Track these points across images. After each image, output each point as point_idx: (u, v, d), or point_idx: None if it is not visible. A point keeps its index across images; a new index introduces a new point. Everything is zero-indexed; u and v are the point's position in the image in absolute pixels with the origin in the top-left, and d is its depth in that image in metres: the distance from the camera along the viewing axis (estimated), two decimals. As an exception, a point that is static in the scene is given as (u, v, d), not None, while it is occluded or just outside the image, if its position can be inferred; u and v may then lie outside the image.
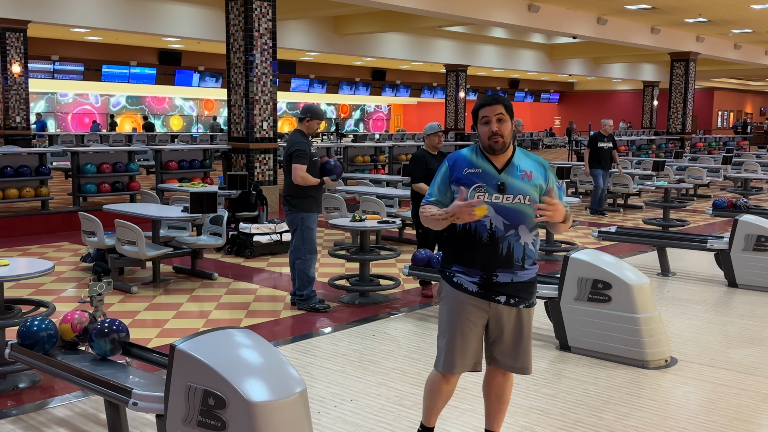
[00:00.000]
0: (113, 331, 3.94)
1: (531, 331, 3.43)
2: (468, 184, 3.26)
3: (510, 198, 3.23)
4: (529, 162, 3.32)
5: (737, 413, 4.29)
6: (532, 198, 3.25)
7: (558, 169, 12.17)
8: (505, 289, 3.30)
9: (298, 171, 6.16)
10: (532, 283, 3.37)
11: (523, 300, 3.34)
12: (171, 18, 18.09)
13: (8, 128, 17.48)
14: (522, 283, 3.32)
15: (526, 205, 3.24)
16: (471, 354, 3.40)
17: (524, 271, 3.31)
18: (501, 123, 3.25)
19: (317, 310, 6.44)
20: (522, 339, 3.39)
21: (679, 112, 25.20)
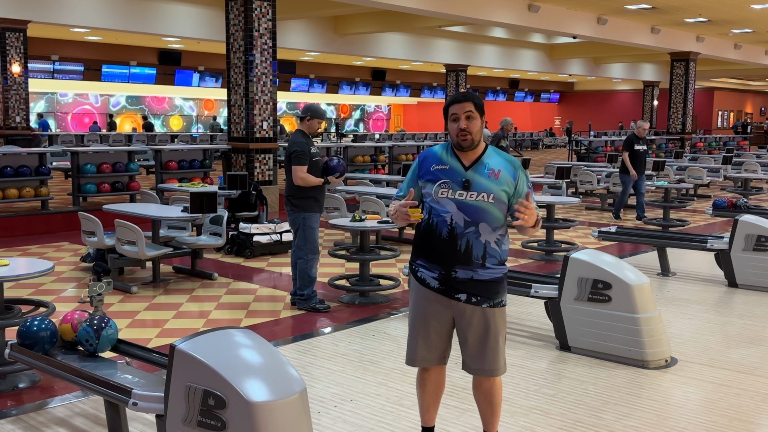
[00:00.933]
0: (101, 327, 3.97)
1: (500, 332, 3.38)
2: (434, 181, 3.30)
3: (474, 195, 3.25)
4: (499, 161, 3.32)
5: (737, 413, 4.29)
6: (497, 197, 3.26)
7: (558, 169, 12.17)
8: (465, 286, 3.30)
9: (298, 172, 6.17)
10: (496, 282, 3.33)
11: (485, 299, 3.32)
12: (171, 18, 18.09)
13: (8, 128, 17.48)
14: (483, 281, 3.30)
15: (489, 204, 3.25)
16: (435, 348, 3.44)
17: (486, 269, 3.30)
18: (470, 120, 3.27)
19: (317, 310, 6.45)
20: (489, 340, 3.36)
21: (679, 112, 25.20)
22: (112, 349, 4.11)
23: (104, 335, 3.96)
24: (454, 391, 4.56)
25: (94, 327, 3.97)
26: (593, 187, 14.30)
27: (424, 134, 28.64)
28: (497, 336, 3.37)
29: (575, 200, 10.09)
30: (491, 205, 3.26)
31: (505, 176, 3.28)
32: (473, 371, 3.44)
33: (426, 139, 24.93)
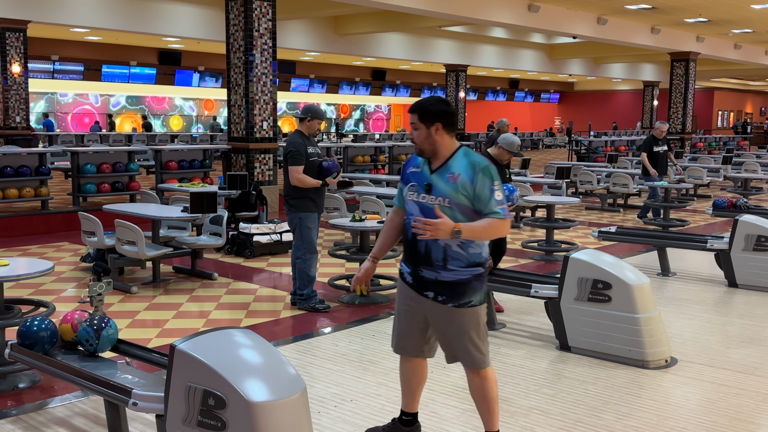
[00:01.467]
0: (101, 326, 3.97)
1: (470, 330, 3.42)
2: (407, 182, 3.50)
3: (433, 199, 3.35)
4: (462, 164, 3.36)
5: (737, 413, 4.29)
6: (454, 201, 3.32)
7: (558, 169, 12.16)
8: (432, 285, 3.42)
9: (294, 173, 6.18)
10: (461, 284, 3.38)
11: (451, 299, 3.39)
12: (171, 18, 18.10)
13: (8, 128, 17.48)
14: (447, 282, 3.38)
15: (446, 208, 3.31)
16: (412, 339, 3.59)
17: (448, 272, 3.37)
18: (414, 131, 3.42)
19: (317, 310, 6.44)
20: (458, 337, 3.43)
21: (679, 112, 25.20)
22: (112, 349, 4.11)
23: (104, 335, 3.96)
24: (454, 391, 4.56)
25: (94, 327, 3.97)
26: (593, 187, 14.30)
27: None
28: (467, 334, 3.43)
29: (575, 200, 10.09)
30: (448, 209, 3.31)
31: (464, 180, 3.32)
32: (449, 359, 3.55)
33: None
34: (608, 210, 13.81)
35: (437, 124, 3.38)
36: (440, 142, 3.40)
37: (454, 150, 3.42)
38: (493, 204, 3.29)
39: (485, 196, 3.30)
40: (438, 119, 3.38)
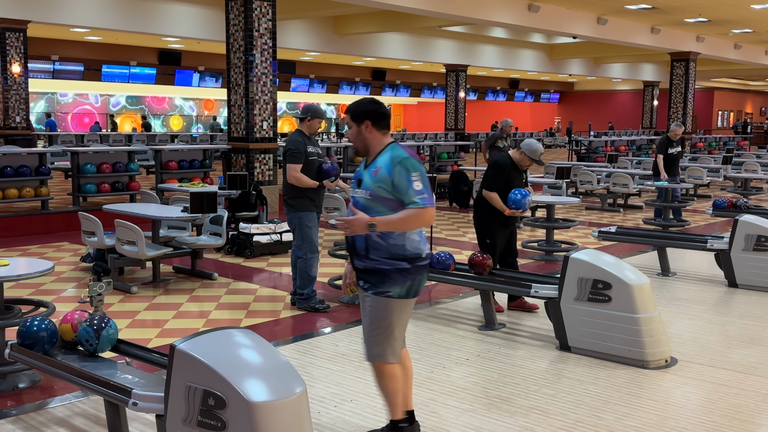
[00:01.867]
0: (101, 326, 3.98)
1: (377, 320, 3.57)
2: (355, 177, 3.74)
3: (361, 192, 3.59)
4: (385, 159, 3.56)
5: (737, 413, 4.29)
6: (375, 194, 3.53)
7: (558, 169, 12.16)
8: (361, 274, 3.63)
9: (291, 171, 6.19)
10: (381, 273, 3.53)
11: (372, 286, 3.57)
12: (171, 18, 18.09)
13: (8, 128, 17.48)
14: (368, 269, 3.57)
15: (368, 200, 3.55)
16: None
17: (370, 261, 3.56)
18: (349, 129, 3.66)
19: (317, 310, 6.44)
20: (368, 324, 3.61)
21: (679, 112, 25.20)
22: (112, 349, 4.11)
23: (104, 335, 3.96)
24: (454, 391, 4.56)
25: (94, 327, 3.97)
26: (593, 187, 14.30)
27: (424, 134, 28.65)
28: (373, 323, 3.59)
29: (575, 200, 10.09)
30: (371, 201, 3.54)
31: (383, 173, 3.51)
32: None
33: (426, 139, 24.93)
34: (608, 210, 13.81)
35: (366, 121, 3.59)
36: (371, 139, 3.61)
37: (384, 146, 3.61)
38: (412, 194, 3.44)
39: (404, 187, 3.46)
40: (367, 117, 3.59)
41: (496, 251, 6.32)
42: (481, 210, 6.40)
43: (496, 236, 6.30)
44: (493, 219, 6.30)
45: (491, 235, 6.30)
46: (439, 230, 11.07)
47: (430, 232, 9.03)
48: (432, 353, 5.30)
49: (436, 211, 11.72)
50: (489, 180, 6.31)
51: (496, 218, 6.30)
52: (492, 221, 6.30)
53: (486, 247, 6.33)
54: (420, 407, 4.29)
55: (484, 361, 5.16)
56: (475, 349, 5.42)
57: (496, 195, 6.23)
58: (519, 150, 6.35)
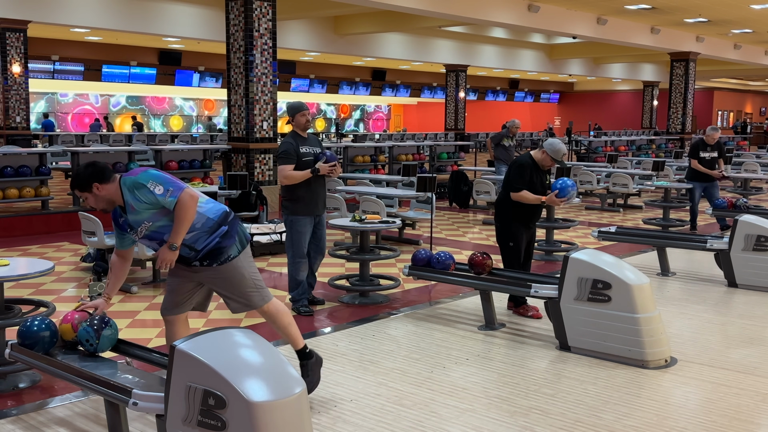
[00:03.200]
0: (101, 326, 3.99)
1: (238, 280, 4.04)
2: (125, 229, 4.02)
3: (141, 231, 3.95)
4: (127, 195, 3.82)
5: (737, 413, 4.29)
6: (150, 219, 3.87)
7: (558, 169, 12.15)
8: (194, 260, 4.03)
9: (281, 171, 6.09)
10: (214, 249, 3.96)
11: (213, 260, 3.99)
12: (171, 18, 18.09)
13: (8, 128, 17.48)
14: (204, 255, 3.98)
15: (153, 227, 3.90)
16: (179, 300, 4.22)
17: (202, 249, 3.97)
18: (85, 201, 3.91)
19: (300, 313, 6.36)
20: (234, 288, 4.06)
21: (679, 112, 25.20)
22: (112, 349, 4.12)
23: (104, 335, 3.96)
24: (454, 391, 4.56)
25: (94, 327, 3.97)
26: (593, 187, 14.30)
27: (424, 134, 28.65)
28: (239, 283, 4.04)
29: (575, 200, 10.09)
30: (155, 226, 3.89)
31: (135, 204, 3.80)
32: (238, 311, 4.16)
33: (426, 139, 24.92)
34: (608, 210, 13.82)
35: (94, 184, 3.83)
36: (109, 192, 3.85)
37: (118, 190, 3.84)
38: (162, 201, 3.78)
39: (154, 200, 3.78)
40: (92, 180, 3.82)
41: (520, 254, 6.25)
42: (502, 213, 6.28)
43: (519, 239, 6.23)
44: (516, 222, 6.20)
45: (514, 238, 6.21)
46: (439, 230, 11.07)
47: (430, 233, 9.04)
48: (432, 353, 5.30)
49: (437, 211, 11.74)
50: (513, 181, 6.16)
51: (519, 220, 6.21)
52: (514, 224, 6.21)
53: (509, 249, 6.25)
54: (420, 407, 4.30)
55: (484, 361, 5.16)
56: (475, 349, 5.42)
57: (525, 191, 6.09)
58: (541, 149, 6.21)
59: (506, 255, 6.31)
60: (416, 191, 10.26)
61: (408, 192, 10.82)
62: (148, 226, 3.87)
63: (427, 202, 10.11)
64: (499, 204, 6.38)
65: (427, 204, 10.14)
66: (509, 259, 6.29)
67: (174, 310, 4.22)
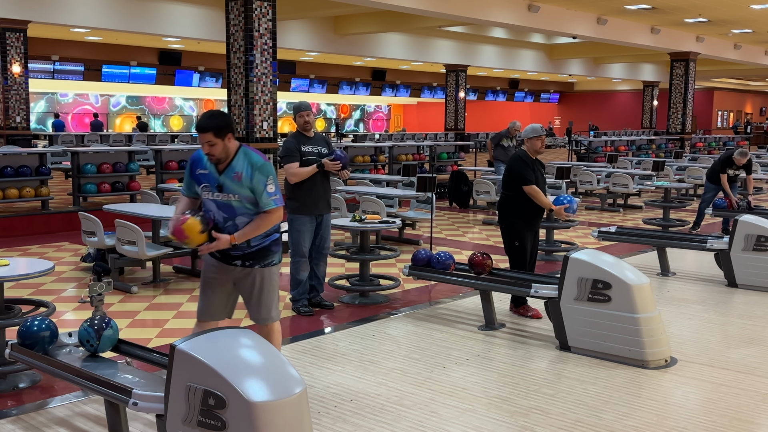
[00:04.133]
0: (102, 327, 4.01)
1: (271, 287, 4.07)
2: (199, 183, 3.96)
3: (225, 196, 3.89)
4: (244, 164, 3.87)
5: (737, 413, 4.29)
6: (241, 195, 3.87)
7: (558, 169, 12.18)
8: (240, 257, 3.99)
9: (287, 169, 6.10)
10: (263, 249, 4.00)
11: (256, 262, 4.00)
12: (171, 18, 18.09)
13: (8, 128, 17.48)
14: (253, 251, 3.98)
15: (236, 201, 3.88)
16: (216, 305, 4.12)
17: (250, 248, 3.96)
18: (211, 146, 3.82)
19: (300, 313, 6.38)
20: (264, 294, 4.04)
21: (678, 112, 25.20)
22: (112, 349, 4.12)
23: (105, 335, 3.97)
24: (454, 391, 4.56)
25: (95, 327, 3.97)
26: (593, 187, 14.31)
27: (424, 134, 28.65)
28: (272, 289, 4.07)
29: (575, 200, 10.07)
30: (237, 202, 3.88)
31: (245, 177, 3.85)
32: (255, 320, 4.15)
33: (426, 139, 24.92)
34: (608, 210, 13.82)
35: (229, 134, 3.85)
36: (230, 148, 3.87)
37: (235, 151, 3.90)
38: (266, 197, 3.86)
39: (259, 191, 3.84)
40: (229, 130, 3.85)
41: (526, 253, 6.22)
42: (507, 213, 6.25)
43: (525, 238, 6.21)
44: (520, 221, 6.18)
45: (519, 238, 6.19)
46: (439, 230, 11.07)
47: (430, 233, 9.04)
48: (432, 353, 5.30)
49: (437, 211, 11.73)
50: (523, 174, 6.12)
51: (524, 219, 6.19)
52: (520, 223, 6.18)
53: (515, 249, 6.23)
54: (420, 407, 4.30)
55: (484, 361, 5.16)
56: (475, 349, 5.42)
57: (539, 190, 6.10)
58: (524, 141, 6.27)
59: (512, 256, 6.28)
60: (416, 191, 10.26)
61: (408, 192, 10.82)
62: (235, 199, 3.87)
63: (427, 202, 10.11)
64: (501, 205, 6.35)
65: (427, 204, 10.14)
66: (516, 260, 6.26)
67: (210, 317, 4.17)
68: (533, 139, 6.20)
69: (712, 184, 10.71)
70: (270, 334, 4.15)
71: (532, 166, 6.18)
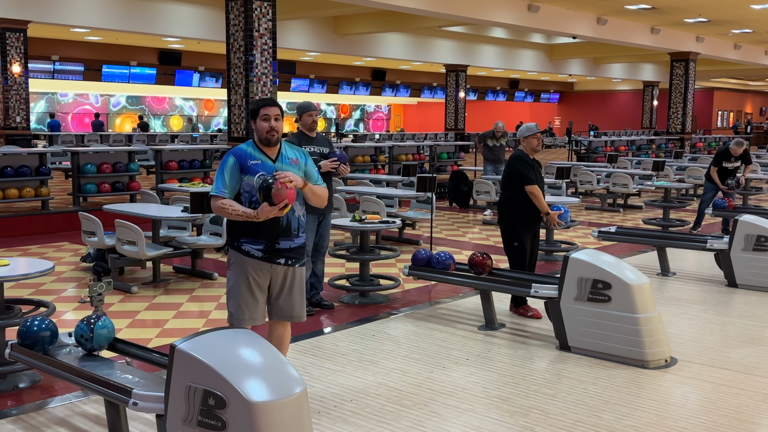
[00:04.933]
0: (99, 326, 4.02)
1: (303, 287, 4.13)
2: (254, 173, 3.92)
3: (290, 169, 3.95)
4: (294, 151, 4.09)
5: (737, 413, 4.29)
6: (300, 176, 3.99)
7: (558, 169, 12.18)
8: (285, 253, 3.99)
9: None
10: (302, 246, 4.09)
11: (297, 260, 4.05)
12: (171, 18, 18.09)
13: (8, 128, 17.48)
14: (297, 247, 4.04)
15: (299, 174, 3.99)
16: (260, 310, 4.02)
17: (300, 239, 4.05)
18: (277, 121, 3.95)
19: None
20: (299, 293, 4.09)
21: (678, 112, 25.19)
22: (112, 349, 4.12)
23: (98, 331, 3.96)
24: (454, 391, 4.56)
25: (89, 324, 3.98)
26: (593, 187, 14.31)
27: (424, 134, 28.65)
28: (303, 289, 4.14)
29: (575, 200, 10.09)
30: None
31: (301, 163, 4.06)
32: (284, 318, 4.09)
33: (426, 139, 24.91)
34: (608, 210, 13.82)
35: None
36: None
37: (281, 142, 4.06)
38: (318, 177, 4.14)
39: (313, 173, 4.10)
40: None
41: (525, 253, 6.22)
42: (507, 213, 6.24)
43: (524, 238, 6.20)
44: (520, 221, 6.17)
45: (519, 238, 6.18)
46: (439, 230, 11.07)
47: (430, 233, 9.04)
48: (432, 353, 5.31)
49: (437, 211, 11.72)
50: (521, 175, 6.10)
51: (524, 220, 6.18)
52: (519, 224, 6.17)
53: (514, 250, 6.22)
54: (420, 407, 4.30)
55: (484, 361, 5.17)
56: (475, 349, 5.43)
57: (540, 191, 6.10)
58: (520, 141, 6.27)
59: (512, 256, 6.27)
60: (416, 191, 10.26)
61: (408, 192, 10.82)
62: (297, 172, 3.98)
63: (427, 202, 10.11)
64: (501, 205, 6.34)
65: (427, 204, 10.14)
66: (515, 260, 6.25)
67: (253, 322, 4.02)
68: (529, 137, 6.20)
69: (711, 184, 10.70)
70: (286, 332, 4.16)
71: (532, 165, 6.19)
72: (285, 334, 4.15)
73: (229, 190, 3.97)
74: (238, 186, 3.95)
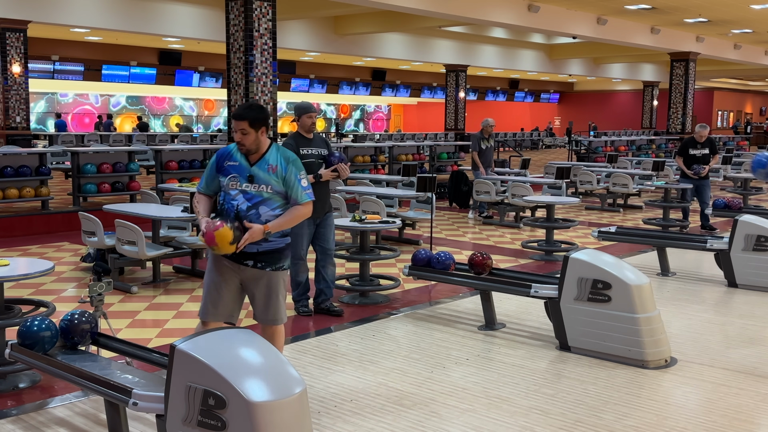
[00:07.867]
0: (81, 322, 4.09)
1: (279, 290, 4.08)
2: (226, 174, 4.00)
3: (256, 187, 3.96)
4: (277, 158, 4.02)
5: (737, 413, 4.29)
6: (274, 188, 3.97)
7: (558, 169, 12.17)
8: (254, 256, 3.97)
9: None
10: (277, 251, 4.04)
11: (268, 264, 4.01)
12: (171, 18, 18.09)
13: (8, 128, 17.48)
14: (268, 251, 3.99)
15: (268, 193, 3.97)
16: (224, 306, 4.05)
17: (268, 242, 3.97)
18: (244, 135, 3.94)
19: (299, 313, 6.37)
20: (273, 296, 4.06)
21: (678, 112, 25.20)
22: (112, 349, 4.12)
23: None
24: (454, 391, 4.56)
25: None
26: (593, 187, 14.30)
27: (424, 134, 28.65)
28: (280, 292, 4.09)
29: (575, 200, 10.09)
30: (270, 194, 3.97)
31: (279, 170, 3.98)
32: (262, 321, 4.14)
33: (426, 139, 24.90)
34: (608, 210, 13.81)
35: (263, 128, 3.97)
36: (263, 142, 4.00)
37: (267, 147, 4.03)
38: (300, 190, 4.00)
39: (294, 184, 3.99)
40: (263, 124, 3.96)
41: None
42: None
43: None
44: None
45: None
46: (439, 230, 11.07)
47: (430, 233, 9.04)
48: (432, 353, 5.31)
49: (437, 211, 11.72)
50: None
51: None
52: None
53: None
54: (420, 407, 4.30)
55: (484, 361, 5.17)
56: (475, 349, 5.43)
57: None
58: None
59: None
60: (416, 191, 10.26)
61: (408, 192, 10.81)
62: (267, 190, 3.95)
63: (427, 202, 10.11)
64: None
65: (427, 204, 10.14)
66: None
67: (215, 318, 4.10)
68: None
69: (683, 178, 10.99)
70: (273, 335, 4.15)
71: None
72: (272, 337, 4.13)
73: (207, 187, 4.10)
74: (216, 184, 4.07)
